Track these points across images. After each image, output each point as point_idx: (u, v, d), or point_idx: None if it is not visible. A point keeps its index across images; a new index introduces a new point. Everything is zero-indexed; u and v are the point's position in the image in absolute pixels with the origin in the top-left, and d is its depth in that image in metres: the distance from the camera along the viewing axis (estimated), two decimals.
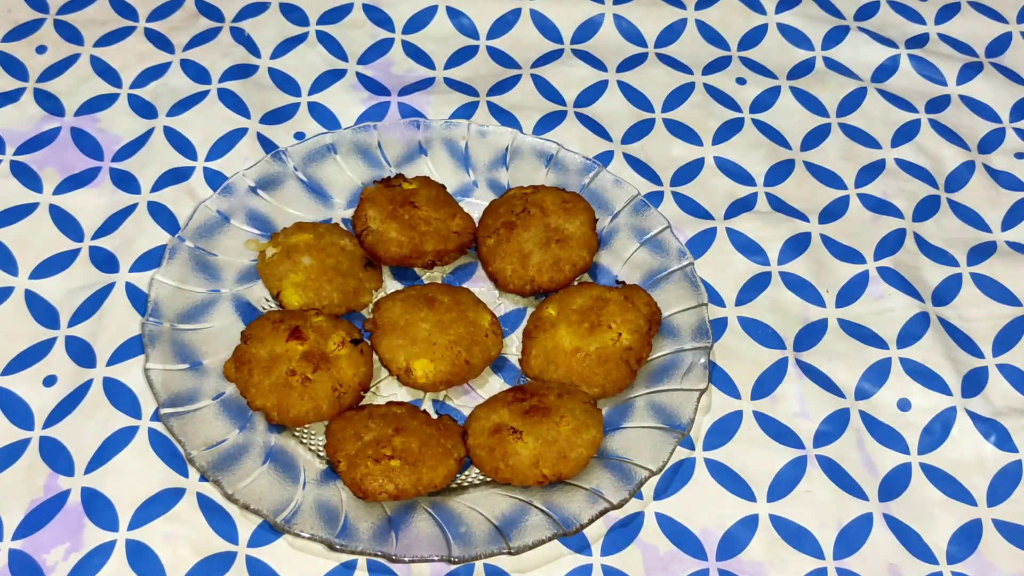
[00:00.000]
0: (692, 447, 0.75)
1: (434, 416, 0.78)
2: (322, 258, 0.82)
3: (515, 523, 0.72)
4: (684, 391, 0.78)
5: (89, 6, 0.94)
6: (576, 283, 0.84)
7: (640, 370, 0.80)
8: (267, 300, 0.84)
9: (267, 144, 0.90)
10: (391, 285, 0.85)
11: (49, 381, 0.74)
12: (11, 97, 0.87)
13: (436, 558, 0.70)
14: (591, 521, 0.72)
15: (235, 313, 0.81)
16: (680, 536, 0.71)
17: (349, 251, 0.83)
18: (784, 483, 0.71)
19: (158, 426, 0.74)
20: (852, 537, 0.68)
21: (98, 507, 0.69)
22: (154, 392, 0.75)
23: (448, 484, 0.75)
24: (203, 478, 0.72)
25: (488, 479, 0.76)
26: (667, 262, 0.84)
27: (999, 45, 0.99)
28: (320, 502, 0.73)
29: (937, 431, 0.72)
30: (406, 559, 0.70)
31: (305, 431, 0.78)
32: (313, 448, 0.77)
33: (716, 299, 0.81)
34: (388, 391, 0.81)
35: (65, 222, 0.82)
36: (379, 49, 0.97)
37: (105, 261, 0.82)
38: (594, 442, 0.75)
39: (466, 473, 0.78)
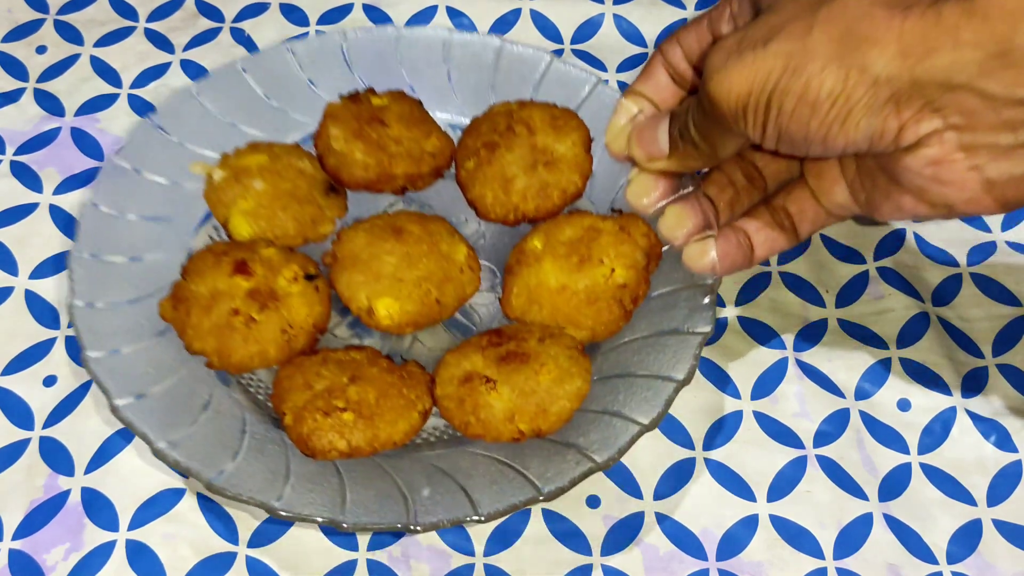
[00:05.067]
0: (692, 447, 0.72)
1: (399, 363, 0.69)
2: (276, 182, 0.73)
3: (486, 485, 0.64)
4: (684, 335, 0.69)
5: (89, 6, 0.94)
6: (566, 212, 0.75)
7: (635, 311, 0.71)
8: (216, 230, 0.75)
9: None
10: (357, 212, 0.77)
11: (49, 381, 0.73)
12: (11, 97, 0.87)
13: (395, 525, 0.62)
14: (573, 483, 0.63)
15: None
16: (680, 536, 0.68)
17: (309, 175, 0.74)
18: (784, 483, 0.70)
19: None
20: (852, 537, 0.67)
21: (98, 507, 0.68)
22: (77, 333, 0.67)
23: (410, 440, 0.66)
24: (128, 432, 0.68)
25: (457, 435, 0.68)
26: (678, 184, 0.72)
27: None
28: (263, 460, 0.65)
29: (937, 431, 0.72)
30: (357, 527, 0.61)
31: (251, 379, 0.70)
32: (260, 399, 0.68)
33: (716, 300, 0.76)
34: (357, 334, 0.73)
35: (65, 222, 0.81)
36: None
37: None
38: (579, 393, 0.65)
39: (433, 427, 0.68)
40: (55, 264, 0.79)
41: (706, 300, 0.70)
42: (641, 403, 0.66)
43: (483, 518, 0.62)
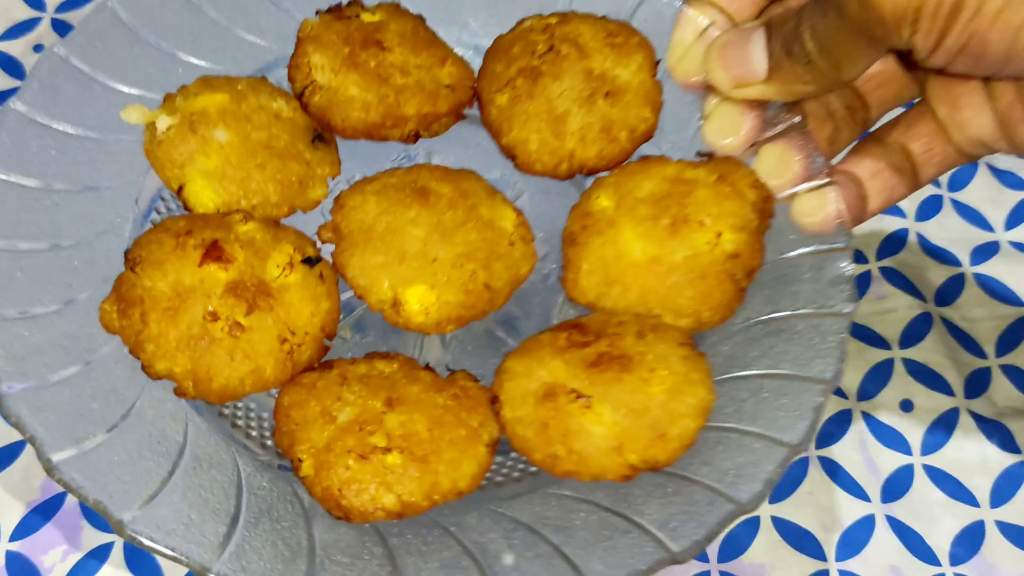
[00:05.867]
0: None
1: (444, 375, 0.52)
2: (246, 130, 0.56)
3: (590, 544, 0.48)
4: (818, 316, 0.53)
5: (87, 5, 0.89)
6: (636, 158, 0.59)
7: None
8: (164, 200, 0.55)
9: None
10: (353, 169, 0.61)
11: None
12: (8, 96, 0.78)
13: None
14: (711, 536, 0.48)
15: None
16: None
17: (287, 119, 0.58)
18: (786, 484, 0.68)
19: None
20: (854, 539, 0.66)
21: None
22: None
23: (478, 485, 0.48)
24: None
25: (537, 471, 0.53)
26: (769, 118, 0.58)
27: None
28: (273, 530, 0.48)
29: (940, 432, 0.71)
30: None
31: (240, 410, 0.54)
32: (254, 436, 0.49)
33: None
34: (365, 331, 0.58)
35: None
36: None
37: None
38: (703, 407, 0.50)
39: (498, 462, 0.50)
40: None
41: (844, 268, 0.53)
42: (777, 414, 0.51)
43: None
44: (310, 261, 0.52)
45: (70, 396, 0.49)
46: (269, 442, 0.51)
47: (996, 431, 0.71)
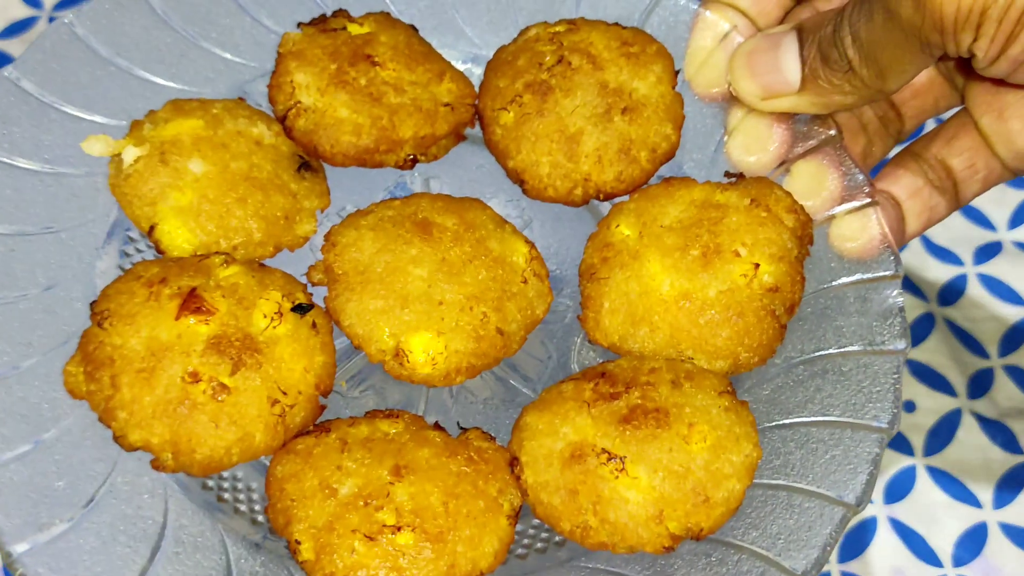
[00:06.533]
0: None
1: (455, 433, 0.47)
2: (223, 160, 0.51)
3: None
4: (868, 354, 0.48)
5: (85, 4, 0.83)
6: (658, 180, 0.54)
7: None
8: (134, 241, 0.49)
9: None
10: (344, 200, 0.57)
11: None
12: None
13: None
14: None
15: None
16: None
17: (268, 146, 0.53)
18: None
19: None
20: (857, 540, 0.66)
21: None
22: None
23: (502, 563, 0.43)
24: None
25: (563, 540, 0.48)
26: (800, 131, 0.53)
27: None
28: None
29: (942, 433, 0.71)
30: None
31: (226, 480, 0.49)
32: (243, 511, 0.44)
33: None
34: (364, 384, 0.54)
35: None
36: None
37: None
38: (749, 465, 0.46)
39: (519, 530, 0.46)
40: None
41: (893, 298, 0.48)
42: (829, 468, 0.46)
43: None
44: (301, 309, 0.47)
45: (31, 475, 0.42)
46: (261, 517, 0.46)
47: (999, 432, 0.71)
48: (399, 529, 0.41)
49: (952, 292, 0.78)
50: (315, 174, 0.54)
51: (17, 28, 0.88)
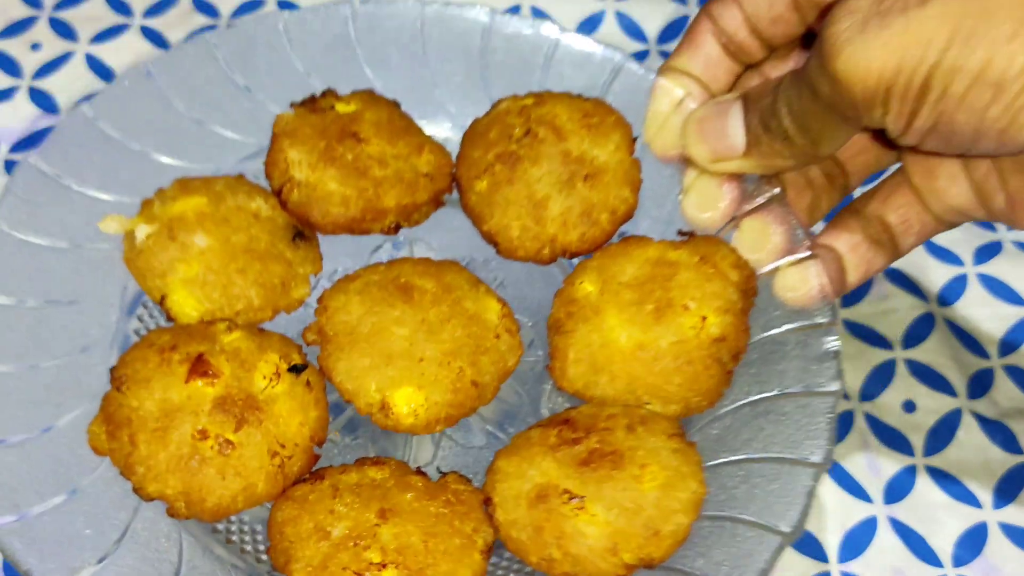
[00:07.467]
0: None
1: (436, 477, 0.51)
2: (225, 234, 0.55)
3: None
4: (805, 396, 0.52)
5: (84, 3, 0.92)
6: (619, 238, 0.58)
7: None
8: (147, 308, 0.54)
9: None
10: (335, 261, 0.61)
11: None
12: (5, 95, 0.85)
13: None
14: None
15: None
16: None
17: (266, 218, 0.57)
18: None
19: None
20: (857, 540, 0.66)
21: None
22: None
23: None
24: None
25: (531, 572, 0.52)
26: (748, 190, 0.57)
27: None
28: None
29: (942, 433, 0.71)
30: None
31: (233, 523, 0.53)
32: (249, 551, 0.49)
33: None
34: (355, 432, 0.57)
35: None
36: None
37: None
38: (695, 501, 0.49)
39: (493, 562, 0.50)
40: None
41: (829, 344, 0.53)
42: (769, 499, 0.50)
43: None
44: (296, 369, 0.51)
45: (63, 524, 0.48)
46: (264, 556, 0.51)
47: (999, 432, 0.70)
48: (384, 566, 0.46)
49: (952, 292, 0.77)
50: (308, 242, 0.58)
51: (17, 28, 0.89)
